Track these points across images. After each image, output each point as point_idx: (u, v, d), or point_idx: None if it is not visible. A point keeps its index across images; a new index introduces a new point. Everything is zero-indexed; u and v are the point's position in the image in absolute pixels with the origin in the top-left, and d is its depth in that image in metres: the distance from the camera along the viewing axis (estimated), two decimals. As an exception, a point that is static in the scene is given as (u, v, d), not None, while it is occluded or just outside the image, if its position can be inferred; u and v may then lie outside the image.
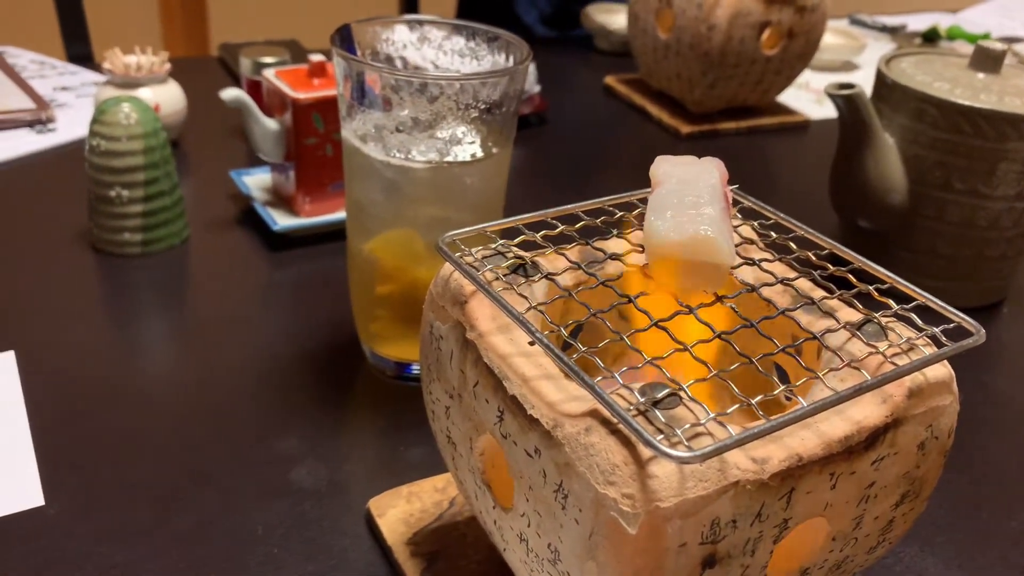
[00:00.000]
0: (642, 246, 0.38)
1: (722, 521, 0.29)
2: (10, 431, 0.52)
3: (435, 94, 0.49)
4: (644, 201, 0.41)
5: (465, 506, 0.48)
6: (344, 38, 0.52)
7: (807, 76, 1.26)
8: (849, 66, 1.32)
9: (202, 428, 0.54)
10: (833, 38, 1.32)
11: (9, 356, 0.58)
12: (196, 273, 0.71)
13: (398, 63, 0.55)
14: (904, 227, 0.70)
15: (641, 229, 0.40)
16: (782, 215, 0.41)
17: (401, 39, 0.55)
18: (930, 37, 1.38)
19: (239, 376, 0.59)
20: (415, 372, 0.58)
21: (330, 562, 0.45)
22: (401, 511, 0.47)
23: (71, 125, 0.92)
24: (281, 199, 0.77)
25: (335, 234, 0.74)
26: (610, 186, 0.42)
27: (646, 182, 0.40)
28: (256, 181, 0.79)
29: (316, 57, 0.73)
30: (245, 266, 0.72)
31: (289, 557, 0.45)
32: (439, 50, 0.56)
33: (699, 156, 0.39)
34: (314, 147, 0.72)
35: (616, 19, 1.29)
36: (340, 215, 0.74)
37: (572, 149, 1.01)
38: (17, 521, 0.46)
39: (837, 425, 0.32)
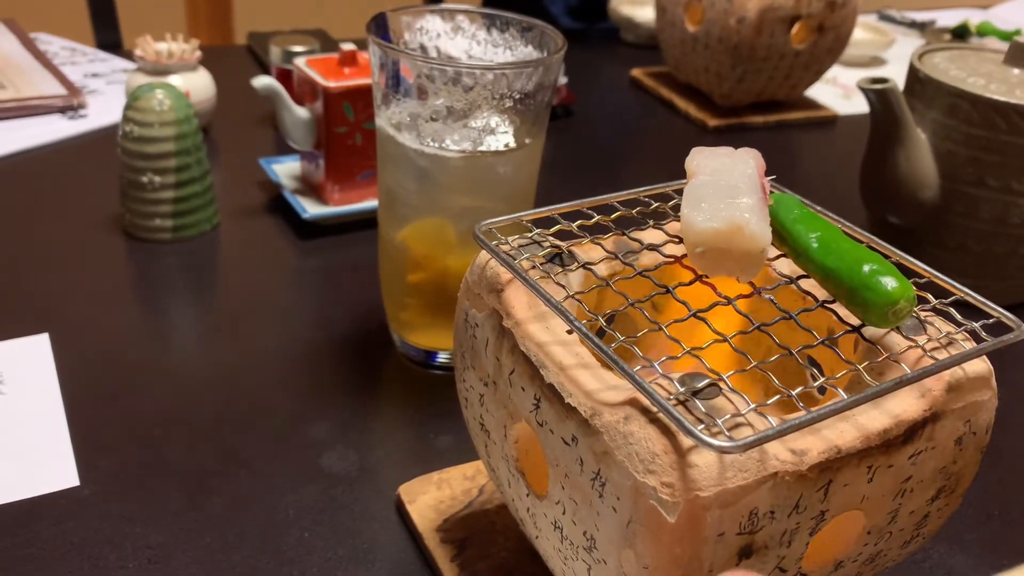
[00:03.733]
0: (679, 236, 0.38)
1: (760, 512, 0.29)
2: (45, 411, 0.53)
3: (470, 84, 0.49)
4: (679, 192, 0.41)
5: (495, 494, 0.48)
6: (379, 26, 0.52)
7: (835, 71, 1.25)
8: (877, 61, 1.31)
9: (233, 412, 0.54)
10: (861, 33, 1.31)
11: (43, 338, 0.59)
12: (226, 259, 0.72)
13: (432, 52, 0.55)
14: (935, 224, 0.70)
15: (677, 220, 0.41)
16: (819, 208, 0.41)
17: (435, 28, 0.55)
18: (960, 33, 1.37)
19: (269, 361, 0.59)
20: (444, 360, 0.59)
21: (360, 546, 0.46)
22: (431, 498, 0.47)
23: (102, 111, 0.92)
24: (310, 187, 0.77)
25: (363, 223, 0.75)
26: (637, 179, 0.42)
27: (673, 175, 0.40)
28: (285, 169, 0.79)
29: (347, 46, 0.73)
30: (274, 253, 0.72)
31: (320, 541, 0.46)
32: (472, 40, 0.56)
33: (728, 149, 0.39)
34: (344, 136, 0.72)
35: (643, 12, 1.28)
36: (368, 204, 0.75)
37: (598, 142, 1.01)
38: (53, 500, 0.47)
39: (876, 418, 0.32)
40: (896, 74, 0.68)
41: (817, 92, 1.16)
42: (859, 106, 1.12)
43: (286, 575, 0.44)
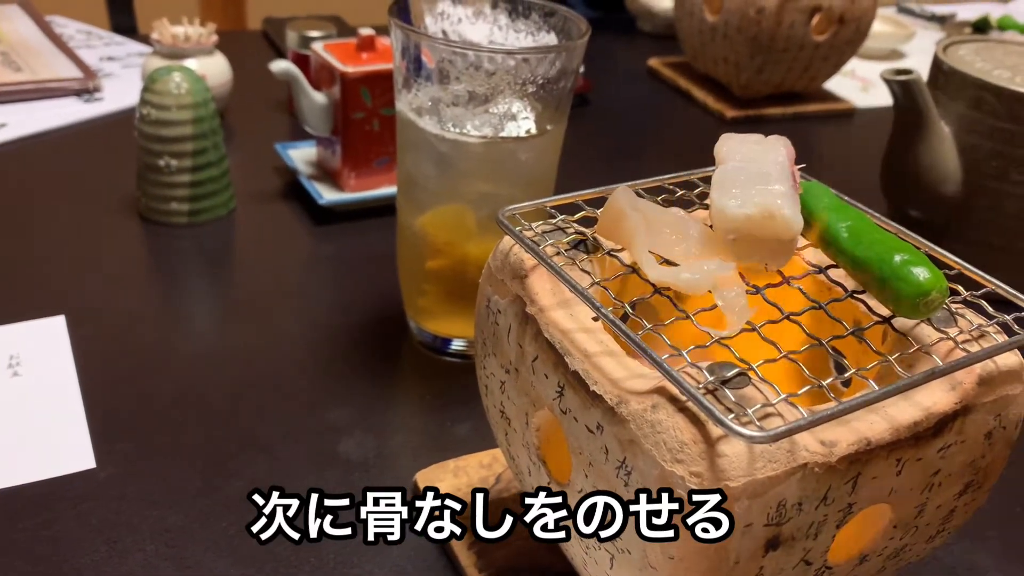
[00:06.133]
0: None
1: (788, 503, 0.29)
2: (61, 393, 0.52)
3: (494, 69, 0.48)
4: (704, 180, 0.41)
5: (512, 482, 0.48)
6: (401, 9, 0.51)
7: (853, 64, 1.24)
8: (896, 55, 1.30)
9: (249, 396, 0.54)
10: (881, 26, 1.30)
11: (59, 320, 0.58)
12: (242, 244, 0.71)
13: (453, 38, 0.55)
14: (957, 218, 0.69)
15: (703, 207, 0.40)
16: (846, 198, 0.41)
17: (456, 13, 0.55)
18: (980, 27, 1.35)
19: (285, 346, 0.59)
20: (461, 348, 0.58)
21: (377, 533, 0.45)
22: (448, 485, 0.47)
23: (117, 95, 0.92)
24: (326, 173, 0.77)
25: (380, 209, 0.74)
26: (654, 170, 0.42)
27: (690, 165, 0.40)
28: (301, 155, 0.79)
29: (366, 31, 0.72)
30: (290, 239, 0.72)
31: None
32: (494, 25, 0.55)
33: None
34: (361, 122, 0.72)
35: (660, 1, 1.27)
36: (385, 190, 0.74)
37: (615, 131, 1.00)
38: (69, 482, 0.47)
39: (905, 410, 0.31)
40: (915, 67, 0.67)
41: (835, 84, 1.15)
42: (877, 99, 1.11)
43: (303, 559, 0.44)
